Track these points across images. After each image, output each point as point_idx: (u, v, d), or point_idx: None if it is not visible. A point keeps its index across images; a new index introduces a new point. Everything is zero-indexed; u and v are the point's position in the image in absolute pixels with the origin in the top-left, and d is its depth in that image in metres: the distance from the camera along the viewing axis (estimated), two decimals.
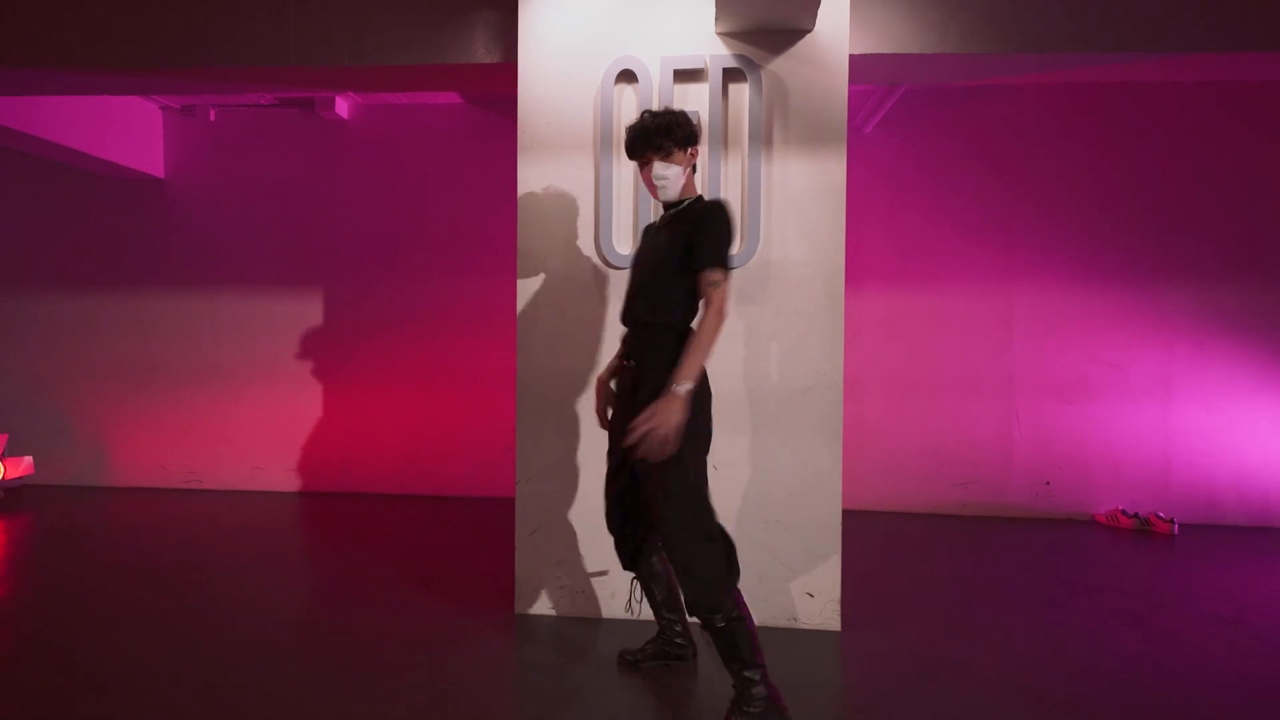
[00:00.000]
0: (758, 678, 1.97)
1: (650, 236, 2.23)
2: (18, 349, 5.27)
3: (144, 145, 5.04)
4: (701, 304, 2.01)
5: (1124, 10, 2.89)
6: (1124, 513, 4.40)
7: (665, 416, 1.85)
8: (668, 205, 2.18)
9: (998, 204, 4.63)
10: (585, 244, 2.87)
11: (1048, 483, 4.63)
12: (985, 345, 4.67)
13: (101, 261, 5.22)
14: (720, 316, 1.95)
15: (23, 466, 4.89)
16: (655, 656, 2.41)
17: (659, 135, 2.07)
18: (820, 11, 2.71)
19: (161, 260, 5.19)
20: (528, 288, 2.89)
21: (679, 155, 2.10)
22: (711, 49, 2.78)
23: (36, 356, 5.26)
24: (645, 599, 2.57)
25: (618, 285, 2.84)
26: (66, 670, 2.37)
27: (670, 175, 2.10)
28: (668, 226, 2.13)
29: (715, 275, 1.97)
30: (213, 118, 5.12)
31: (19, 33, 3.27)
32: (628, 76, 2.83)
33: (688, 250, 2.01)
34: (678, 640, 2.41)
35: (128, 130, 4.90)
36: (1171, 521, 4.25)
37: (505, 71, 3.15)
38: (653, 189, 2.15)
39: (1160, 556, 3.82)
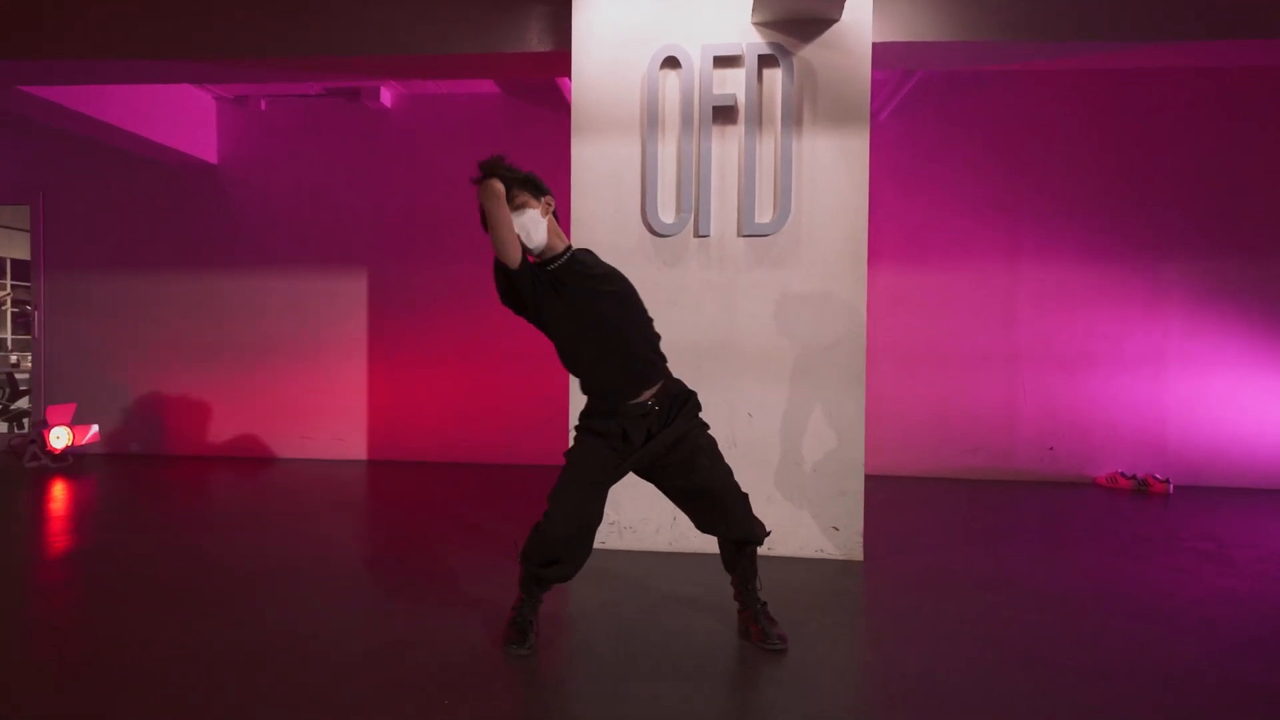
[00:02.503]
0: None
1: (572, 296, 2.10)
2: (84, 325, 5.61)
3: (198, 132, 5.36)
4: None
5: (1127, 1, 3.19)
6: (1123, 475, 4.70)
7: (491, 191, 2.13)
8: (544, 259, 2.15)
9: (1003, 187, 4.92)
10: (632, 213, 3.18)
11: (1051, 448, 4.93)
12: (992, 320, 4.97)
13: (159, 243, 5.55)
14: None
15: (89, 435, 5.22)
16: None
17: (519, 184, 2.13)
18: (846, 3, 3.01)
19: (215, 242, 5.52)
20: None
21: (526, 199, 2.13)
22: (747, 37, 3.09)
23: (100, 332, 5.60)
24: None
25: (661, 250, 3.15)
26: (133, 617, 2.69)
27: (530, 220, 2.10)
28: (589, 283, 2.11)
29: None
30: (263, 107, 5.44)
31: (83, 22, 3.58)
32: (671, 63, 3.14)
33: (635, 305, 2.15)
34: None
35: (183, 118, 5.21)
36: (1167, 482, 4.55)
37: (555, 59, 3.46)
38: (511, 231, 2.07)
39: (1155, 511, 4.12)
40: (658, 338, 2.21)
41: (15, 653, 2.16)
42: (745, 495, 2.23)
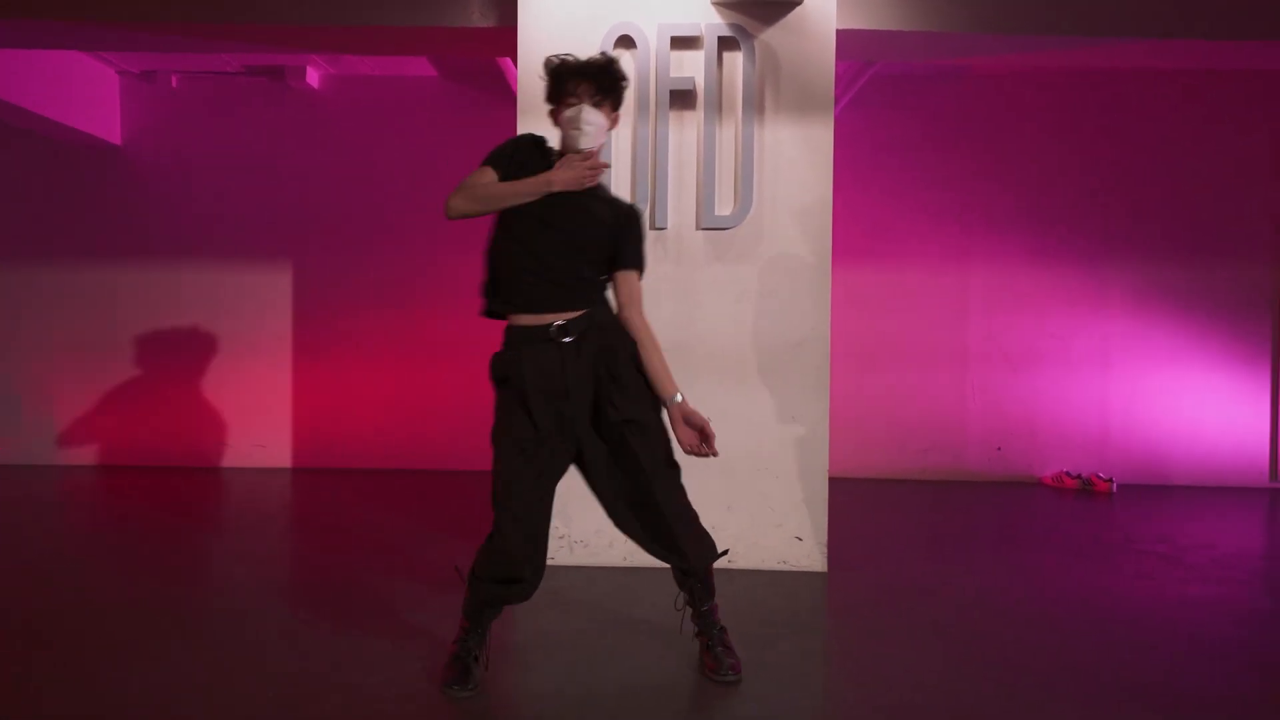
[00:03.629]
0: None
1: (569, 196, 1.88)
2: None
3: (99, 110, 4.85)
4: (634, 306, 1.94)
5: None
6: (1068, 474, 4.74)
7: (700, 415, 1.87)
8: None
9: (957, 186, 4.89)
10: None
11: (999, 448, 4.93)
12: (943, 320, 4.93)
13: (53, 230, 5.01)
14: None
15: None
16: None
17: (599, 72, 1.89)
18: None
19: (118, 230, 5.02)
20: None
21: (607, 107, 1.92)
22: (707, 18, 2.90)
23: None
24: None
25: None
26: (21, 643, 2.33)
27: (596, 124, 1.87)
28: (593, 200, 1.93)
29: (640, 279, 1.98)
30: (175, 84, 4.97)
31: None
32: (626, 42, 2.92)
33: (614, 243, 1.92)
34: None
35: (81, 94, 4.70)
36: (1110, 481, 4.59)
37: (499, 36, 3.20)
38: (568, 135, 1.89)
39: (1098, 511, 4.15)
40: (604, 286, 1.97)
41: None
42: (691, 511, 1.92)
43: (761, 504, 2.94)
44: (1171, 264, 4.83)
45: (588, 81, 1.89)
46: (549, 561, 2.67)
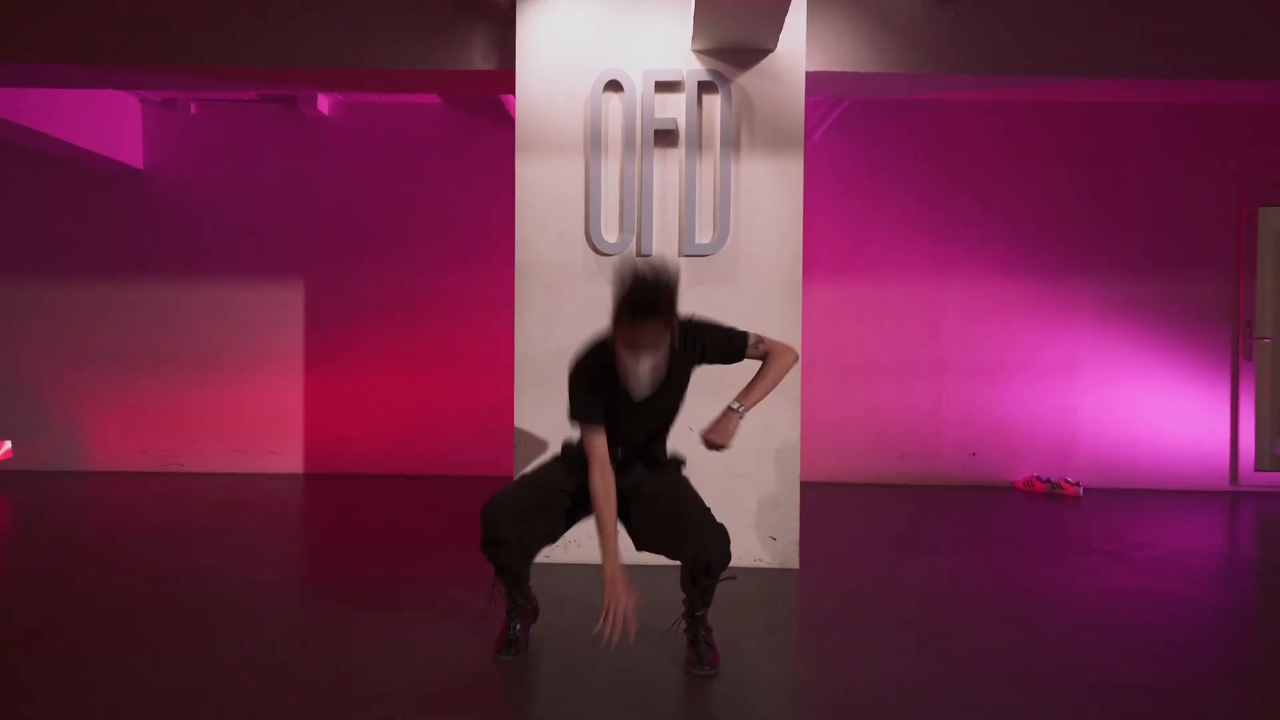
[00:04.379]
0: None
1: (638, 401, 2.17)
2: None
3: (122, 136, 5.16)
4: (765, 353, 2.25)
5: (1034, 41, 3.43)
6: (1038, 478, 5.01)
7: (730, 432, 2.18)
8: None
9: (932, 206, 5.18)
10: (576, 232, 3.24)
11: (973, 454, 5.21)
12: (919, 331, 5.22)
13: (80, 251, 5.31)
14: (790, 355, 2.25)
15: (1, 451, 4.95)
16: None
17: (659, 306, 1.94)
18: (782, 33, 3.14)
19: (140, 250, 5.32)
20: (525, 271, 3.24)
21: (666, 332, 2.01)
22: (688, 64, 3.19)
23: (16, 344, 5.31)
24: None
25: (605, 268, 3.21)
26: (39, 647, 2.61)
27: (654, 356, 2.02)
28: (659, 385, 2.16)
29: (754, 343, 2.24)
30: (193, 111, 5.27)
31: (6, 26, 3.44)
32: (614, 86, 3.21)
33: (688, 374, 2.25)
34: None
35: (105, 121, 5.00)
36: (1077, 485, 4.86)
37: (499, 78, 3.50)
38: (626, 365, 2.03)
39: (1066, 513, 4.42)
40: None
41: None
42: (719, 525, 2.18)
43: (738, 507, 3.21)
44: (1135, 279, 5.11)
45: (646, 316, 1.93)
46: (546, 560, 2.97)
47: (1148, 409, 5.11)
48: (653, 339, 1.97)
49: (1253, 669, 2.31)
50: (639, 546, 2.33)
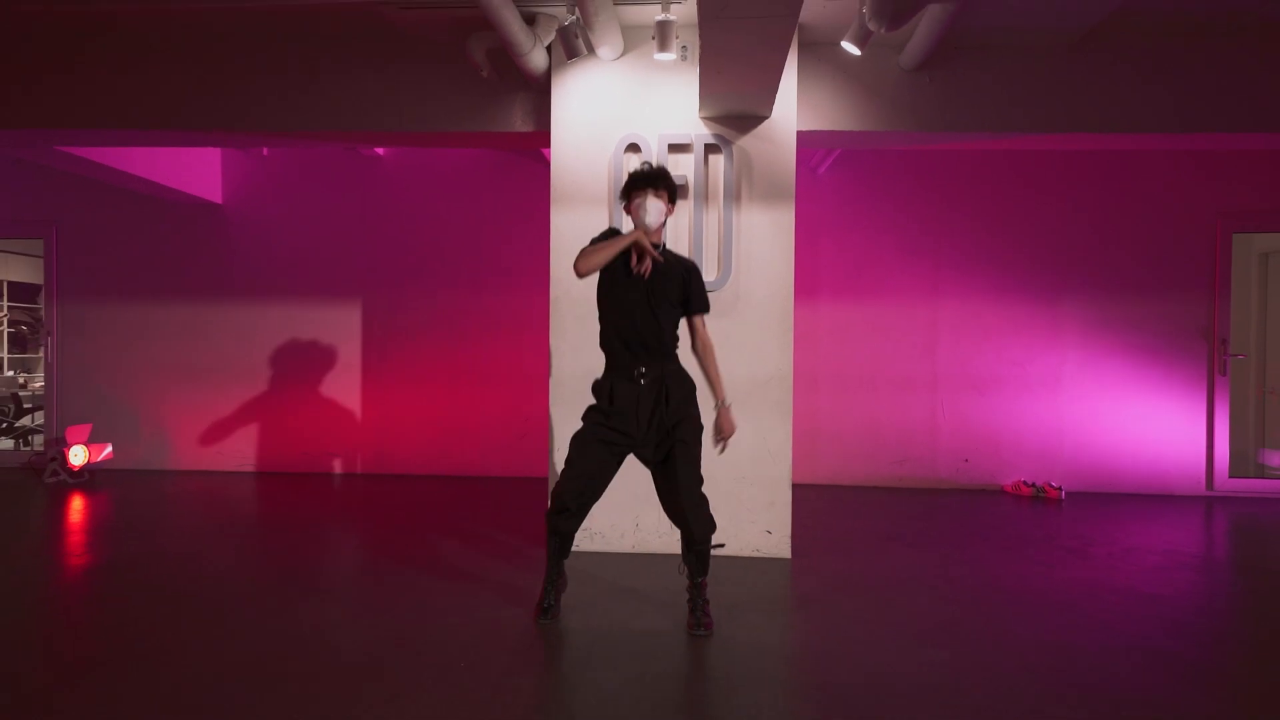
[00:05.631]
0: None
1: (642, 278, 2.76)
2: (98, 350, 6.08)
3: (204, 176, 5.88)
4: (701, 340, 2.89)
5: (1002, 103, 3.93)
6: (1025, 483, 5.47)
7: (732, 420, 2.88)
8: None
9: (929, 232, 5.67)
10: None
11: (966, 460, 5.68)
12: (917, 348, 5.71)
13: (168, 275, 6.06)
14: (714, 349, 2.94)
15: (104, 453, 5.69)
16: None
17: (659, 177, 2.80)
18: (775, 102, 3.69)
19: (220, 275, 6.04)
20: (558, 304, 3.83)
21: (665, 197, 2.81)
22: (696, 129, 3.76)
23: (113, 357, 6.08)
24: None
25: None
26: (150, 619, 3.26)
27: (657, 208, 2.78)
28: (659, 272, 2.77)
29: (705, 316, 2.89)
30: (265, 153, 5.98)
31: (113, 96, 4.13)
32: (633, 148, 3.79)
33: (683, 297, 2.83)
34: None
35: (191, 163, 5.73)
36: (1060, 489, 5.32)
37: (536, 137, 4.10)
38: (639, 217, 2.78)
39: (1043, 514, 4.87)
40: (677, 340, 2.86)
41: (38, 652, 2.60)
42: (704, 498, 2.78)
43: (738, 505, 3.76)
44: (1118, 300, 5.55)
45: (648, 184, 2.78)
46: (575, 549, 3.52)
47: (1129, 420, 5.54)
48: (654, 201, 2.76)
49: (1147, 638, 2.79)
50: (664, 507, 2.87)
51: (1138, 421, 5.53)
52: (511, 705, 2.24)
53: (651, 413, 2.77)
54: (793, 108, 3.73)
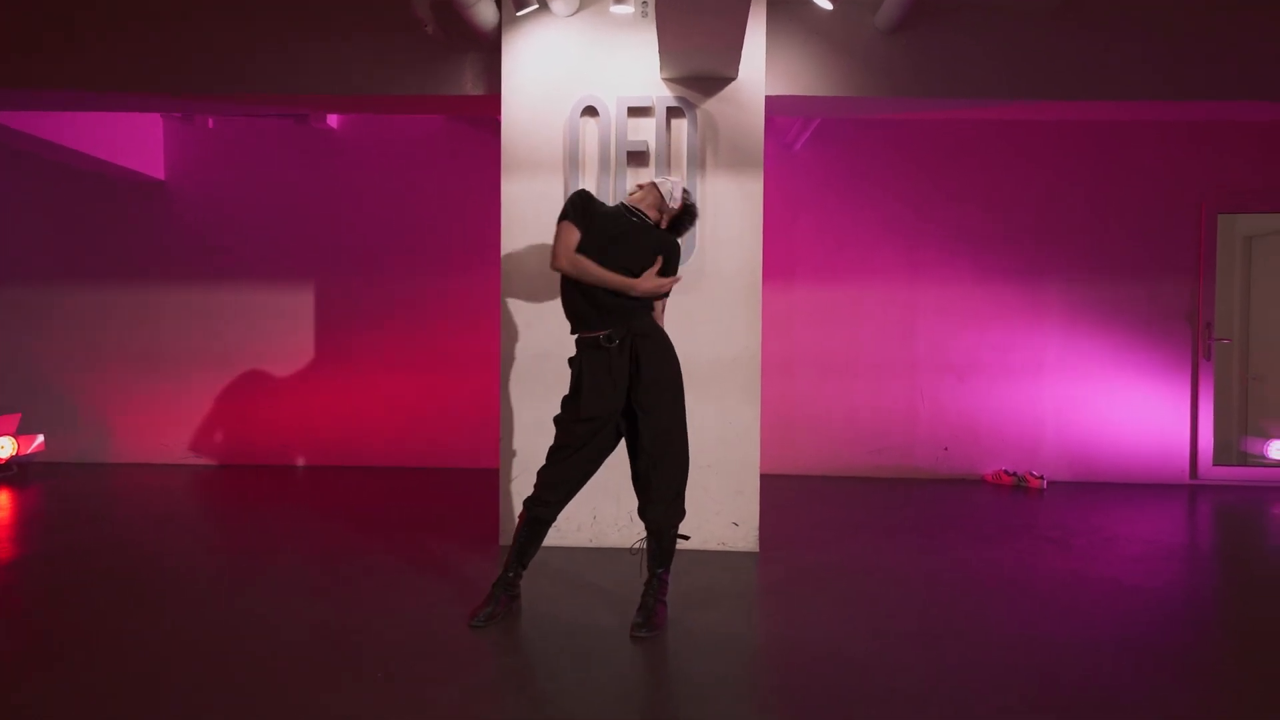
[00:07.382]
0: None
1: (632, 233, 2.64)
2: (29, 336, 5.72)
3: (145, 150, 5.53)
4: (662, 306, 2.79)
5: (980, 67, 3.70)
6: (1005, 472, 5.28)
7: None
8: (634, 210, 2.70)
9: (908, 212, 5.45)
10: None
11: (946, 448, 5.48)
12: (896, 332, 5.49)
13: (106, 256, 5.70)
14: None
15: (34, 444, 5.34)
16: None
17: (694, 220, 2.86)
18: (742, 62, 3.44)
19: (162, 256, 5.70)
20: (510, 279, 3.56)
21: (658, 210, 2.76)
22: (657, 91, 3.50)
23: (46, 343, 5.71)
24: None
25: None
26: (66, 625, 2.97)
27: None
28: (648, 235, 2.67)
29: (669, 289, 2.69)
30: (211, 125, 5.64)
31: (47, 58, 3.80)
32: (590, 111, 3.52)
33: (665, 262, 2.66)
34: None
35: (130, 135, 5.38)
36: (1041, 478, 5.13)
37: (488, 101, 3.81)
38: (658, 218, 2.75)
39: (1025, 505, 4.68)
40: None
41: None
42: (675, 484, 2.55)
43: (704, 495, 3.52)
44: (1100, 283, 5.36)
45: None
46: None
47: (1111, 406, 5.36)
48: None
49: (1127, 630, 2.59)
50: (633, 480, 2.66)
51: (1121, 408, 5.36)
52: (452, 703, 1.98)
53: (626, 378, 2.57)
54: (761, 70, 3.48)
